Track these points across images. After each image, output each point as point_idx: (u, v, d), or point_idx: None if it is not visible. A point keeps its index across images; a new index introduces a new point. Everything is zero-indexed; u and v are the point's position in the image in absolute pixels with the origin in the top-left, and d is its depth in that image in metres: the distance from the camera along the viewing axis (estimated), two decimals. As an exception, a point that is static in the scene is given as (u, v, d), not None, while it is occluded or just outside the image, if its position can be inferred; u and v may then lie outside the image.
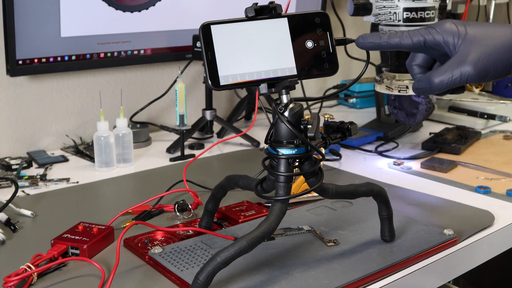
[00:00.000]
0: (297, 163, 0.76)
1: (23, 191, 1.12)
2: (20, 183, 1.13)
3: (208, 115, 1.48)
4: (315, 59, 0.76)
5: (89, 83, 1.47)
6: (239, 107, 1.67)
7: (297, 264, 0.80)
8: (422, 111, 1.33)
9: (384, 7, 1.25)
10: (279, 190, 0.74)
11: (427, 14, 1.24)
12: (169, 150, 1.38)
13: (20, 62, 1.28)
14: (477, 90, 1.84)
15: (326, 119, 1.24)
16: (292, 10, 1.64)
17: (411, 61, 0.82)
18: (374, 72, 1.72)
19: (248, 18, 0.73)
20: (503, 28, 0.75)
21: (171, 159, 1.33)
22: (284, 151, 0.74)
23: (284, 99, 0.74)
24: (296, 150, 0.74)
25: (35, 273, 0.77)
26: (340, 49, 1.68)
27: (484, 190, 1.12)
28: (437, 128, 1.55)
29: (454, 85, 0.75)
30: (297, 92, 1.72)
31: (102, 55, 1.40)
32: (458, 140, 1.40)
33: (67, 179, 1.19)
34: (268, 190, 0.79)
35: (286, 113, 0.73)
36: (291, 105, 0.74)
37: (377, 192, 0.84)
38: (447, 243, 0.89)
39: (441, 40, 0.75)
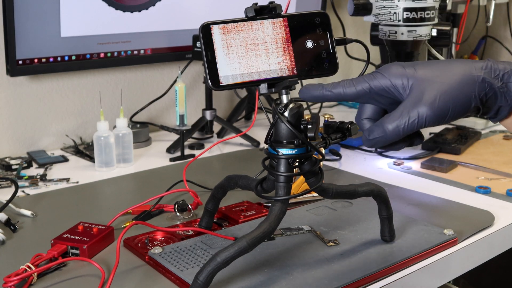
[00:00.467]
0: (297, 163, 0.76)
1: (23, 191, 1.12)
2: (20, 183, 1.13)
3: (208, 115, 1.48)
4: (315, 59, 0.76)
5: (89, 83, 1.47)
6: (239, 107, 1.67)
7: (297, 264, 0.80)
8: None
9: (384, 7, 1.25)
10: (279, 190, 0.74)
11: (427, 14, 1.25)
12: (169, 150, 1.38)
13: (20, 62, 1.28)
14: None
15: (326, 119, 1.24)
16: (292, 10, 1.64)
17: (359, 116, 0.74)
18: (374, 72, 1.72)
19: (248, 18, 0.73)
20: (458, 64, 0.69)
21: (171, 159, 1.33)
22: (284, 151, 0.74)
23: (284, 99, 0.74)
24: (296, 150, 0.74)
25: (35, 273, 0.77)
26: (340, 49, 1.68)
27: (484, 190, 1.12)
28: (437, 128, 1.55)
29: (412, 129, 0.67)
30: (297, 92, 1.72)
31: (102, 55, 1.40)
32: (458, 140, 1.40)
33: (67, 179, 1.19)
34: (268, 190, 0.79)
35: (286, 113, 0.73)
36: (291, 105, 0.74)
37: (377, 192, 0.84)
38: (447, 243, 0.89)
39: (389, 84, 0.69)
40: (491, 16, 1.71)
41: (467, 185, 1.16)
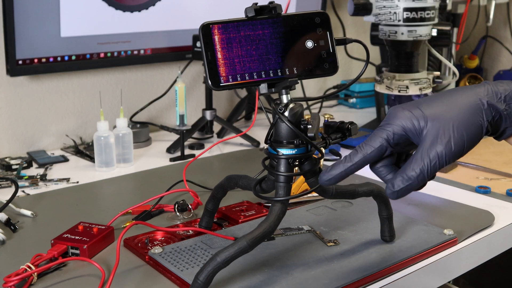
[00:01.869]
0: (297, 163, 0.76)
1: (23, 191, 1.12)
2: (20, 183, 1.13)
3: (208, 115, 1.48)
4: (315, 59, 0.76)
5: (89, 83, 1.47)
6: (239, 107, 1.67)
7: (297, 264, 0.80)
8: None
9: (384, 7, 1.25)
10: (279, 190, 0.74)
11: (427, 14, 1.25)
12: (169, 150, 1.39)
13: (20, 62, 1.28)
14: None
15: (326, 119, 1.24)
16: (292, 10, 1.64)
17: (374, 165, 0.71)
18: (374, 72, 1.72)
19: (248, 18, 0.73)
20: (460, 94, 0.69)
21: (171, 159, 1.33)
22: (284, 151, 0.74)
23: (284, 99, 0.74)
24: (296, 150, 0.74)
25: (35, 273, 0.77)
26: (340, 49, 1.68)
27: (484, 190, 1.12)
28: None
29: (435, 171, 0.67)
30: (297, 92, 1.72)
31: (102, 55, 1.40)
32: (458, 140, 1.40)
33: (67, 179, 1.19)
34: (268, 190, 0.79)
35: (286, 113, 0.73)
36: (291, 105, 0.74)
37: (377, 192, 0.84)
38: (447, 243, 0.89)
39: (402, 130, 0.68)
40: (491, 16, 1.71)
41: (467, 185, 1.16)
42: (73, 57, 1.36)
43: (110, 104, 1.50)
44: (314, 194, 1.03)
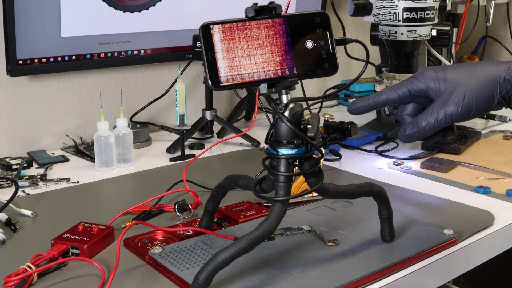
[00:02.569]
0: (297, 163, 0.76)
1: (23, 191, 1.12)
2: (20, 183, 1.13)
3: (208, 115, 1.48)
4: (315, 59, 0.76)
5: (89, 83, 1.47)
6: (239, 107, 1.67)
7: (297, 264, 0.80)
8: (422, 111, 1.33)
9: (384, 7, 1.25)
10: (279, 190, 0.74)
11: (427, 14, 1.25)
12: (169, 150, 1.39)
13: (21, 62, 1.28)
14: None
15: (326, 119, 1.25)
16: (292, 10, 1.64)
17: (401, 112, 0.84)
18: (374, 72, 1.72)
19: (248, 18, 0.73)
20: (483, 66, 0.78)
21: (171, 159, 1.33)
22: (284, 151, 0.74)
23: (284, 99, 0.74)
24: (296, 150, 0.74)
25: (35, 273, 0.77)
26: (340, 49, 1.68)
27: (484, 190, 1.12)
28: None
29: (441, 125, 0.77)
30: (297, 92, 1.72)
31: (102, 55, 1.40)
32: (458, 140, 1.40)
33: (67, 179, 1.19)
34: (268, 190, 0.79)
35: (286, 113, 0.73)
36: (291, 105, 0.74)
37: (377, 192, 0.84)
38: (447, 243, 0.89)
39: (424, 87, 0.79)
40: (491, 16, 1.71)
41: (467, 185, 1.16)
42: (73, 57, 1.36)
43: (110, 104, 1.50)
44: (314, 194, 1.03)
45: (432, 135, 0.80)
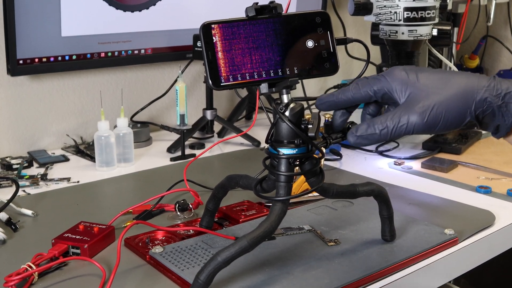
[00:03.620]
0: (297, 163, 0.76)
1: (24, 191, 1.12)
2: (20, 183, 1.13)
3: (209, 114, 1.48)
4: (315, 58, 0.76)
5: (89, 82, 1.47)
6: (240, 106, 1.67)
7: (298, 264, 0.80)
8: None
9: (385, 6, 1.25)
10: (280, 190, 0.74)
11: (428, 13, 1.25)
12: (170, 149, 1.38)
13: (21, 61, 1.28)
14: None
15: (326, 118, 1.24)
16: (292, 9, 1.64)
17: (364, 111, 0.77)
18: (375, 72, 1.72)
19: (248, 18, 0.73)
20: (459, 77, 0.70)
21: (172, 159, 1.33)
22: (285, 151, 0.74)
23: (285, 98, 0.74)
24: (297, 149, 0.74)
25: (36, 273, 0.77)
26: (340, 49, 1.68)
27: (484, 190, 1.12)
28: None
29: (400, 134, 0.69)
30: (297, 92, 1.72)
31: (102, 54, 1.40)
32: (458, 140, 1.40)
33: (68, 179, 1.19)
34: (269, 190, 0.79)
35: (287, 113, 0.73)
36: (291, 105, 0.74)
37: (377, 192, 0.84)
38: (448, 243, 0.89)
39: (390, 88, 0.71)
40: (491, 16, 1.71)
41: (468, 184, 1.16)
42: (74, 57, 1.36)
43: (110, 103, 1.50)
44: (315, 193, 1.03)
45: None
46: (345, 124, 0.79)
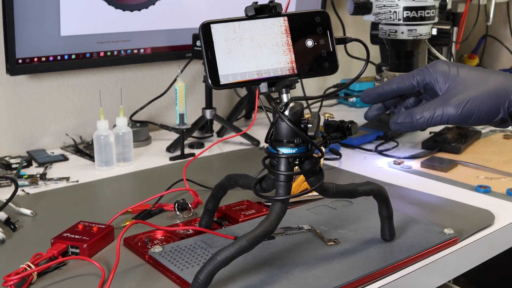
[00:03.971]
0: (297, 162, 0.76)
1: (23, 190, 1.12)
2: (20, 182, 1.13)
3: (208, 114, 1.48)
4: (315, 58, 0.76)
5: (89, 82, 1.47)
6: (239, 106, 1.67)
7: (297, 263, 0.80)
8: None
9: (384, 6, 1.25)
10: (279, 190, 0.74)
11: (427, 13, 1.24)
12: (169, 149, 1.38)
13: (20, 61, 1.28)
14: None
15: (326, 118, 1.24)
16: (292, 9, 1.64)
17: (402, 104, 0.82)
18: (374, 71, 1.72)
19: (248, 17, 0.73)
20: (496, 75, 0.74)
21: (171, 158, 1.33)
22: (284, 150, 0.74)
23: (284, 98, 0.74)
24: (296, 149, 0.74)
25: (35, 272, 0.77)
26: (340, 48, 1.68)
27: (484, 189, 1.12)
28: (437, 127, 1.54)
29: (435, 123, 0.74)
30: (297, 91, 1.72)
31: (102, 54, 1.40)
32: (458, 139, 1.40)
33: (67, 178, 1.19)
34: (268, 190, 0.78)
35: (286, 112, 0.73)
36: (291, 104, 0.74)
37: (377, 192, 0.84)
38: (447, 242, 0.89)
39: (432, 79, 0.76)
40: (491, 15, 1.71)
41: (467, 184, 1.16)
42: (73, 56, 1.36)
43: (110, 103, 1.49)
44: (314, 193, 1.03)
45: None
46: (345, 124, 0.79)
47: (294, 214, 0.97)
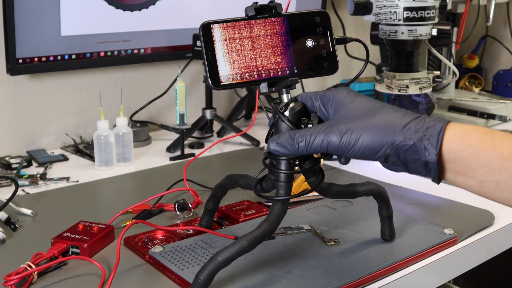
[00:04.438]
0: (297, 162, 0.76)
1: (23, 190, 1.12)
2: (20, 182, 1.13)
3: (208, 114, 1.48)
4: (315, 58, 0.76)
5: (89, 82, 1.47)
6: (239, 106, 1.67)
7: (298, 264, 0.80)
8: (422, 110, 1.33)
9: (385, 6, 1.25)
10: (279, 190, 0.74)
11: (427, 13, 1.24)
12: (169, 149, 1.38)
13: (20, 61, 1.28)
14: (477, 90, 1.84)
15: None
16: (292, 9, 1.64)
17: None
18: (374, 72, 1.72)
19: (248, 17, 0.73)
20: (389, 109, 0.68)
21: (171, 158, 1.33)
22: None
23: (285, 98, 0.74)
24: None
25: (36, 272, 0.77)
26: (340, 48, 1.68)
27: (484, 189, 1.11)
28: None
29: (315, 150, 0.69)
30: (297, 91, 1.72)
31: (102, 54, 1.40)
32: (458, 139, 1.40)
33: (67, 178, 1.19)
34: (268, 190, 0.78)
35: (286, 113, 0.73)
36: (291, 104, 0.74)
37: (377, 192, 0.84)
38: (447, 242, 0.89)
39: (329, 104, 0.71)
40: (491, 16, 1.71)
41: (467, 184, 1.15)
42: (73, 56, 1.36)
43: (110, 103, 1.50)
44: (315, 193, 1.03)
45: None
46: None
47: (294, 214, 0.97)
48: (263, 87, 0.74)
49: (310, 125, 0.74)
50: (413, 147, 0.65)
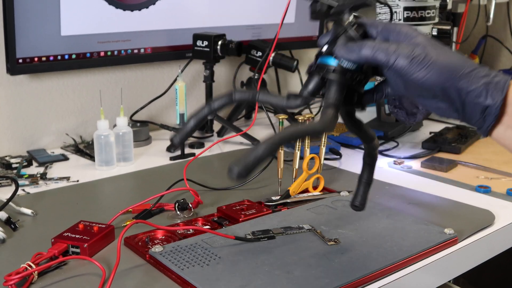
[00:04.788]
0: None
1: (23, 190, 1.12)
2: (20, 182, 1.13)
3: (208, 114, 1.47)
4: None
5: (89, 82, 1.47)
6: (239, 106, 1.66)
7: (298, 263, 0.80)
8: (423, 110, 1.33)
9: (385, 6, 1.25)
10: (330, 93, 0.65)
11: (428, 13, 1.25)
12: (169, 149, 1.38)
13: (20, 60, 1.28)
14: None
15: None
16: (292, 9, 1.64)
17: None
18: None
19: None
20: (461, 55, 0.67)
21: (171, 158, 1.33)
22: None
23: (350, 17, 0.68)
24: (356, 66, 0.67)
25: (36, 272, 0.77)
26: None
27: (484, 189, 1.12)
28: (437, 127, 1.55)
29: (382, 56, 0.65)
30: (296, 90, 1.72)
31: (102, 54, 1.40)
32: (458, 139, 1.40)
33: (67, 178, 1.19)
34: (315, 92, 0.69)
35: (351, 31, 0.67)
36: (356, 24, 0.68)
37: (373, 151, 0.79)
38: (448, 242, 0.89)
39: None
40: (491, 16, 1.71)
41: (467, 184, 1.16)
42: (73, 56, 1.36)
43: (110, 102, 1.50)
44: (314, 193, 1.03)
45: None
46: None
47: (294, 214, 0.97)
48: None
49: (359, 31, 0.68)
50: (477, 90, 0.64)
